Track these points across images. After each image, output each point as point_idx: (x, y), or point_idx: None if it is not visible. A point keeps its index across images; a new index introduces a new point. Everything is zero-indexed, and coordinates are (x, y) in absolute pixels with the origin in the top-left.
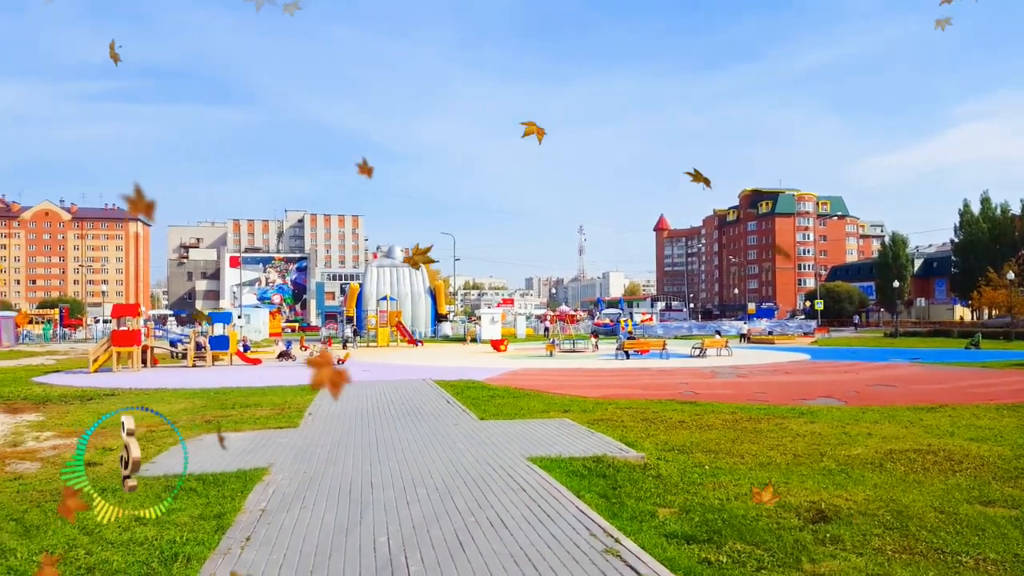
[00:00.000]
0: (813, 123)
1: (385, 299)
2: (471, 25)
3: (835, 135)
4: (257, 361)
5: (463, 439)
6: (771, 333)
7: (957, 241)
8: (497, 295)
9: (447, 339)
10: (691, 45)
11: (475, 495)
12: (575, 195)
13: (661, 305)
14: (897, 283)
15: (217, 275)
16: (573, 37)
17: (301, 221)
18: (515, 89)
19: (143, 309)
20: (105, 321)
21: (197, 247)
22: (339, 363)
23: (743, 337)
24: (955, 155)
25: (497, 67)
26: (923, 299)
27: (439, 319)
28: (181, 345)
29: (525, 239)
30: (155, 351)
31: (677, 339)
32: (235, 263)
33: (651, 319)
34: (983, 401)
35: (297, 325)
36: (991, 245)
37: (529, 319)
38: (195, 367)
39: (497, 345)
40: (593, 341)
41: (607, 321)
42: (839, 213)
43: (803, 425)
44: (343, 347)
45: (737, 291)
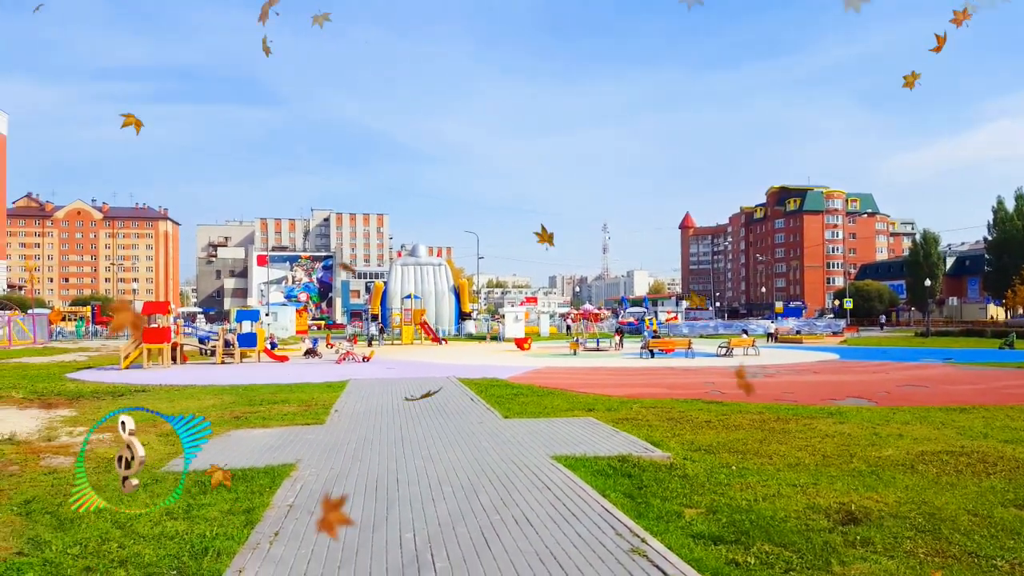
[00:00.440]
0: (841, 119)
1: (409, 297)
2: (495, 25)
3: (864, 131)
4: (284, 358)
5: (487, 437)
6: (799, 332)
7: (991, 239)
8: (520, 293)
9: (471, 337)
10: (715, 42)
11: (500, 493)
12: (599, 193)
13: (687, 304)
14: (929, 282)
15: (245, 273)
16: (597, 35)
17: (327, 220)
18: (539, 88)
19: (173, 307)
20: None
21: (225, 246)
22: (364, 360)
23: (770, 336)
24: (987, 151)
25: (521, 66)
26: (955, 298)
27: (463, 317)
28: (210, 342)
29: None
30: (184, 348)
31: (703, 338)
32: (262, 261)
33: (676, 318)
34: (1018, 402)
35: (323, 323)
36: None
37: (553, 318)
38: (223, 364)
39: (521, 343)
40: (616, 339)
41: (632, 320)
42: (869, 210)
43: (832, 426)
44: (368, 345)
45: (764, 290)
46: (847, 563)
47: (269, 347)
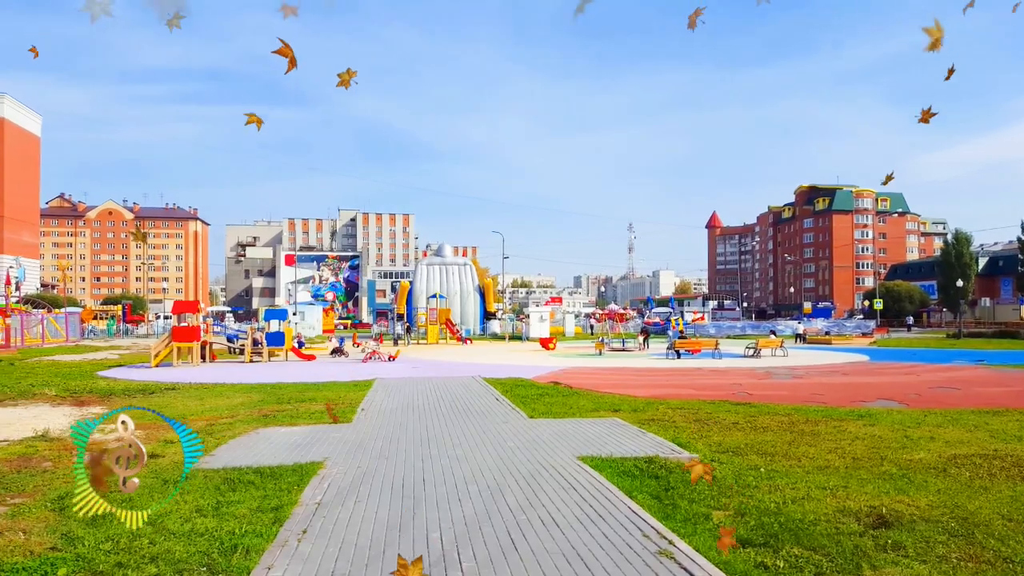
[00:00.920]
0: (871, 117)
1: (435, 297)
2: (521, 24)
3: (894, 130)
4: (311, 357)
5: (513, 437)
6: (828, 333)
7: None
8: (545, 293)
9: (495, 337)
10: (742, 40)
11: (526, 493)
12: (625, 193)
13: (713, 304)
14: (961, 282)
15: (273, 273)
16: (622, 34)
17: (354, 220)
18: (564, 87)
19: (202, 306)
20: (166, 317)
21: (254, 246)
22: (390, 360)
23: (798, 337)
24: (1021, 150)
25: (547, 65)
26: (988, 299)
27: (488, 317)
28: (238, 341)
29: (574, 237)
30: (214, 347)
31: (730, 339)
32: (290, 261)
33: (703, 318)
34: None
35: (349, 322)
36: None
37: (578, 317)
38: (252, 363)
39: (546, 343)
40: (640, 339)
41: (657, 320)
42: (899, 210)
43: (862, 428)
44: (394, 344)
45: (792, 290)
46: (878, 567)
47: (297, 346)
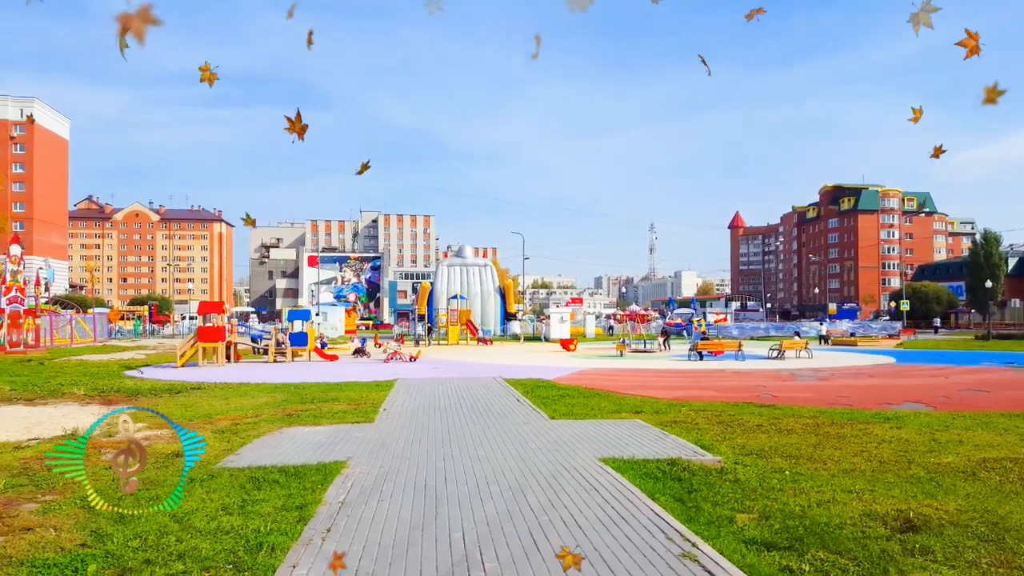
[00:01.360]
0: (897, 116)
1: (455, 298)
2: (544, 24)
3: (921, 128)
4: (334, 358)
5: (534, 438)
6: (853, 335)
7: None
8: (566, 294)
9: (515, 338)
10: (767, 40)
11: (548, 494)
12: (646, 193)
13: (736, 305)
14: (989, 283)
15: (296, 274)
16: (646, 34)
17: (375, 221)
18: (587, 87)
19: (227, 306)
20: (191, 318)
21: (277, 247)
22: (411, 360)
23: (821, 339)
24: None
25: (570, 66)
26: (1018, 300)
27: (508, 318)
28: (262, 341)
29: (595, 238)
30: (238, 347)
31: (753, 340)
32: (313, 262)
33: (726, 319)
34: None
35: (371, 323)
36: None
37: (599, 318)
38: (276, 363)
39: (566, 344)
40: (660, 340)
41: (679, 321)
42: (926, 210)
43: (889, 431)
44: (415, 344)
45: (817, 291)
46: (905, 572)
47: (319, 346)
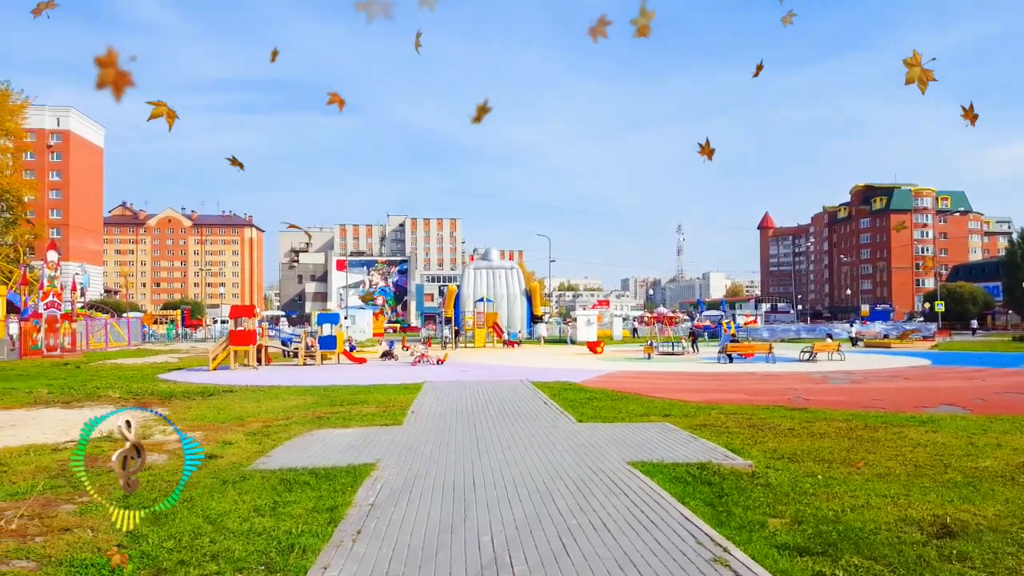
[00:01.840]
0: (930, 114)
1: (482, 300)
2: (568, 25)
3: (955, 126)
4: (362, 360)
5: (562, 441)
6: (887, 336)
7: None
8: (592, 296)
9: (546, 341)
10: (793, 37)
11: (576, 498)
12: (674, 194)
13: (766, 307)
14: None
15: (325, 278)
16: (671, 34)
17: (402, 225)
18: (612, 88)
19: (258, 310)
20: (223, 322)
21: (306, 251)
22: (438, 363)
23: (852, 341)
24: None
25: (594, 66)
26: None
27: (534, 320)
28: (292, 344)
29: (621, 240)
30: (269, 350)
31: (784, 342)
32: (341, 266)
33: (755, 321)
34: None
35: (398, 326)
36: None
37: (626, 321)
38: (305, 365)
39: (593, 347)
40: (684, 343)
41: (708, 323)
42: (961, 209)
43: (924, 434)
44: (442, 347)
45: (849, 292)
46: None
47: (348, 349)
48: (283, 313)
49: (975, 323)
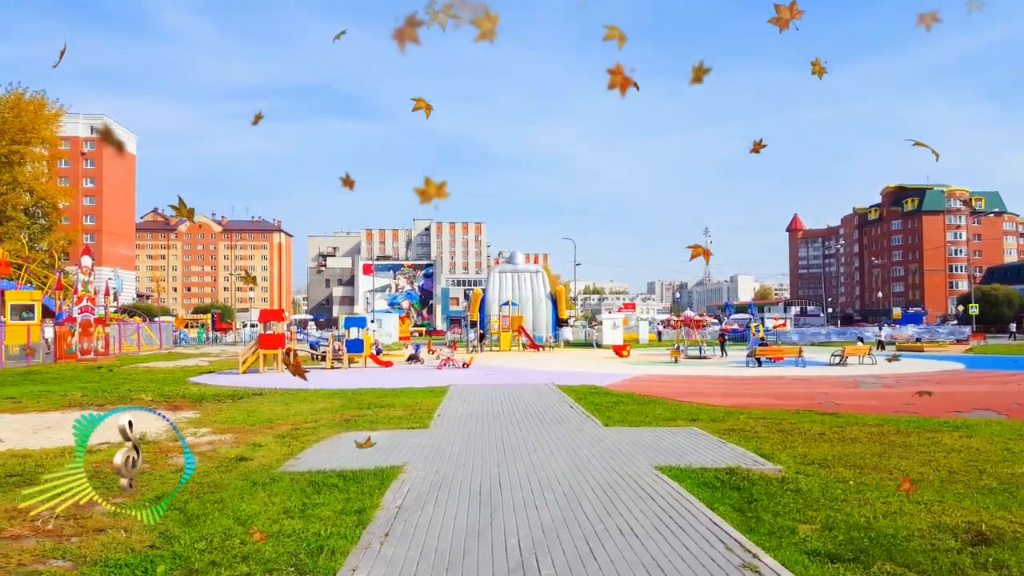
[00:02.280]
0: (963, 114)
1: (507, 304)
2: (592, 28)
3: (989, 126)
4: (389, 364)
5: (588, 445)
6: (919, 340)
7: None
8: (618, 299)
9: (567, 344)
10: (822, 37)
11: (603, 502)
12: (700, 196)
13: (795, 310)
14: None
15: (352, 282)
16: (696, 35)
17: (428, 229)
18: (639, 89)
19: (287, 314)
20: (252, 325)
21: (334, 256)
22: (464, 366)
23: (879, 344)
24: None
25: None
26: None
27: (560, 324)
28: (320, 348)
29: (647, 243)
30: (298, 353)
31: (814, 346)
32: (368, 271)
33: (785, 324)
34: None
35: (424, 329)
36: None
37: (651, 324)
38: (333, 369)
39: (619, 351)
40: (700, 347)
41: (736, 326)
42: (995, 210)
43: (958, 440)
44: (468, 351)
45: (880, 295)
46: None
47: (375, 353)
48: (311, 317)
49: (1013, 326)
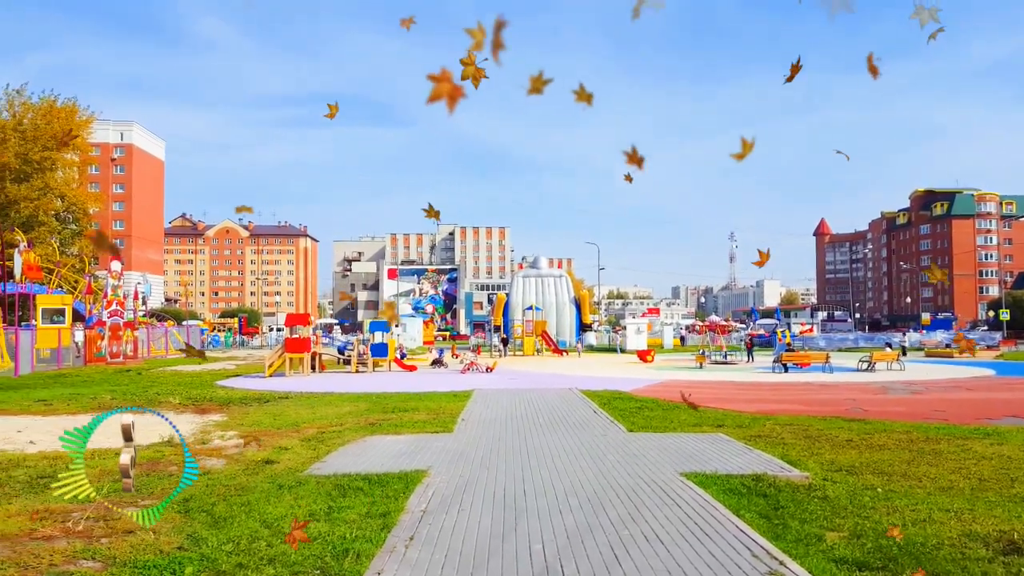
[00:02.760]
0: (994, 117)
1: (531, 309)
2: (620, 33)
3: (1017, 129)
4: (413, 368)
5: (613, 451)
6: (949, 346)
7: None
8: (642, 304)
9: (591, 349)
10: (852, 40)
11: (628, 508)
12: (725, 200)
13: (822, 315)
14: None
15: (376, 286)
16: (726, 39)
17: (452, 234)
18: (663, 95)
19: (312, 318)
20: (278, 329)
21: (359, 260)
22: (488, 371)
23: (903, 350)
24: None
25: (646, 74)
26: None
27: (583, 329)
28: (347, 352)
29: (672, 247)
30: (323, 358)
31: (841, 352)
32: (392, 275)
33: (811, 330)
34: None
35: (448, 333)
36: None
37: (676, 329)
38: (358, 373)
39: (643, 356)
40: (724, 353)
41: (762, 332)
42: None
43: (989, 447)
44: (491, 356)
45: (909, 300)
46: None
47: (399, 357)
48: (336, 321)
49: None
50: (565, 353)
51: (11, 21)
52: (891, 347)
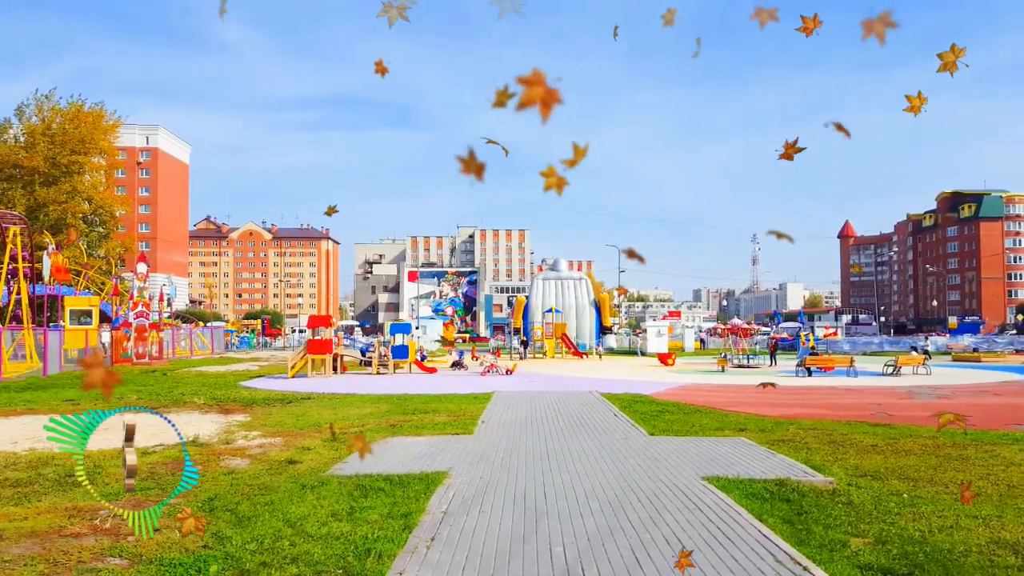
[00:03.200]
0: (1021, 116)
1: (551, 311)
2: (640, 35)
3: None
4: (433, 370)
5: (633, 454)
6: (976, 350)
7: None
8: (663, 307)
9: (611, 351)
10: (871, 42)
11: (649, 512)
12: (748, 203)
13: (847, 318)
14: None
15: (397, 288)
16: (748, 38)
17: (472, 237)
18: (687, 96)
19: (334, 320)
20: (301, 331)
21: (380, 263)
22: (507, 373)
23: (926, 354)
24: None
25: (667, 76)
26: None
27: (603, 331)
28: (369, 353)
29: (693, 250)
30: (344, 359)
31: (866, 356)
32: (413, 277)
33: (835, 333)
34: None
35: (467, 336)
36: None
37: (697, 332)
38: (379, 374)
39: (664, 359)
40: (747, 356)
41: (785, 335)
42: None
43: (1018, 453)
44: (511, 358)
45: (936, 303)
46: None
47: (419, 359)
48: (357, 323)
49: None
50: (585, 356)
51: (40, 28)
52: (916, 351)
